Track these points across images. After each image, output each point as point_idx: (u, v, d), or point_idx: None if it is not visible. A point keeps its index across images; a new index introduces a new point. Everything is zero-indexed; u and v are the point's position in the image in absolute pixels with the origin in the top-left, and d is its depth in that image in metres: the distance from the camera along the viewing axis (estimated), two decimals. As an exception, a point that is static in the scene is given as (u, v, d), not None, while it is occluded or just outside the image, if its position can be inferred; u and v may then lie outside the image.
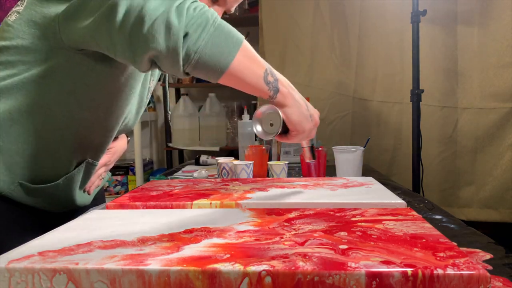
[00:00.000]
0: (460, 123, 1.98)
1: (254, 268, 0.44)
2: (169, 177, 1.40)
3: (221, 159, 1.26)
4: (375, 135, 2.07)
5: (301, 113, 0.72)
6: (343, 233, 0.56)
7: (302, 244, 0.52)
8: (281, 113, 0.71)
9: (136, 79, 0.81)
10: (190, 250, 0.51)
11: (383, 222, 0.62)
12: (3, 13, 2.41)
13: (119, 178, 2.54)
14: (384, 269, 0.43)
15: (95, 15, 0.62)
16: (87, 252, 0.51)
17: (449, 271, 0.43)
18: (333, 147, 1.24)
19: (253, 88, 0.67)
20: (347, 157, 1.20)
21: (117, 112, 0.81)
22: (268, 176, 1.25)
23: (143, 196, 0.85)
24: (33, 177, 0.77)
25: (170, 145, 2.52)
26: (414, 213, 0.67)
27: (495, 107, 1.91)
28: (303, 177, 1.25)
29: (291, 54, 2.16)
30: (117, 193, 2.51)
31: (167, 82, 1.09)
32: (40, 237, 0.59)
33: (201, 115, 2.47)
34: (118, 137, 0.99)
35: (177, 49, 0.59)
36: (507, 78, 1.87)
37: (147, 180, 2.41)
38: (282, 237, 0.55)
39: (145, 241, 0.55)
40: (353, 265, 0.44)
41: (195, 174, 1.38)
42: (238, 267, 0.45)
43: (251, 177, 1.16)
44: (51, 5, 0.69)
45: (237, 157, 1.52)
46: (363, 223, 0.61)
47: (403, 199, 0.78)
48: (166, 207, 0.78)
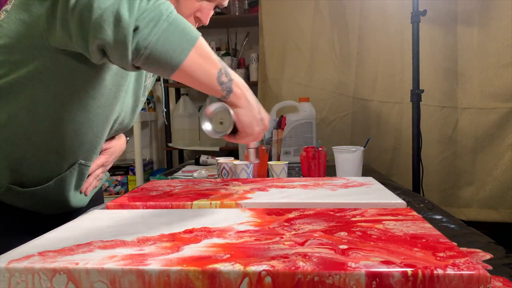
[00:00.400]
0: (460, 123, 1.98)
1: (254, 268, 0.44)
2: (169, 177, 1.40)
3: (221, 159, 1.26)
4: (375, 135, 2.07)
5: (252, 115, 0.71)
6: (343, 233, 0.56)
7: (302, 244, 0.52)
8: (232, 112, 0.70)
9: (124, 77, 0.79)
10: (190, 250, 0.51)
11: (383, 222, 0.62)
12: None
13: (119, 178, 2.54)
14: (384, 269, 0.43)
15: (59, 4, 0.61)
16: (87, 252, 0.51)
17: (449, 271, 0.43)
18: (333, 147, 1.24)
19: (205, 87, 0.67)
20: (347, 157, 1.20)
21: (106, 111, 0.79)
22: (268, 176, 1.25)
23: (143, 196, 0.85)
24: (23, 180, 0.76)
25: (170, 145, 2.52)
26: (414, 213, 0.67)
27: (495, 107, 1.91)
28: (303, 177, 1.25)
29: (291, 54, 2.16)
30: (117, 193, 2.51)
31: (161, 79, 1.08)
32: (40, 237, 0.59)
33: (201, 115, 2.47)
34: (115, 137, 0.97)
35: (125, 42, 0.57)
36: (507, 78, 1.87)
37: (147, 180, 2.41)
38: (282, 237, 0.55)
39: (145, 241, 0.55)
40: (353, 265, 0.44)
41: (195, 174, 1.38)
42: (238, 267, 0.45)
43: (251, 177, 1.16)
44: (37, 3, 0.67)
45: (237, 157, 1.52)
46: (363, 223, 0.61)
47: (403, 199, 0.78)
48: (166, 207, 0.78)
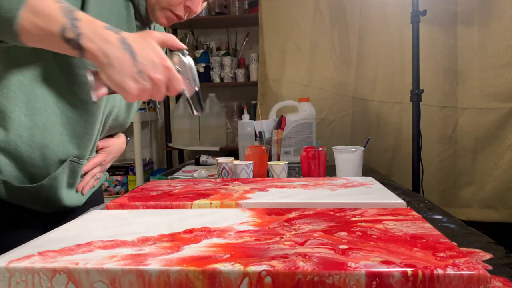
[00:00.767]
0: (460, 123, 1.98)
1: (254, 268, 0.44)
2: (169, 177, 1.40)
3: (221, 159, 1.26)
4: (375, 135, 2.07)
5: (119, 72, 0.59)
6: (343, 233, 0.56)
7: (302, 244, 0.52)
8: (90, 75, 0.61)
9: None
10: (190, 250, 0.51)
11: (383, 222, 0.62)
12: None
13: (119, 178, 2.54)
14: (384, 269, 0.43)
15: None
16: (87, 252, 0.51)
17: (449, 271, 0.43)
18: (333, 147, 1.24)
19: (57, 48, 0.60)
20: (347, 157, 1.20)
21: (92, 106, 0.77)
22: (268, 176, 1.25)
23: (143, 196, 0.85)
24: (18, 177, 0.76)
25: (170, 145, 2.52)
26: (414, 213, 0.67)
27: (495, 107, 1.91)
28: (303, 177, 1.25)
29: (291, 54, 2.16)
30: (117, 193, 2.51)
31: None
32: (40, 237, 0.59)
33: (201, 115, 2.47)
34: (114, 136, 0.95)
35: None
36: (507, 78, 1.87)
37: (147, 180, 2.41)
38: (282, 237, 0.55)
39: (145, 241, 0.55)
40: (353, 265, 0.44)
41: (195, 174, 1.38)
42: (238, 267, 0.45)
43: (251, 177, 1.16)
44: None
45: (237, 157, 1.52)
46: (363, 223, 0.61)
47: (403, 199, 0.78)
48: (166, 207, 0.78)
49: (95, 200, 0.97)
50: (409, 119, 1.74)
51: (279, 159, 1.51)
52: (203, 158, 1.74)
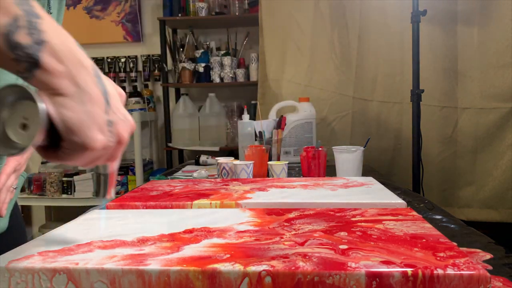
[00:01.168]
0: (460, 123, 1.98)
1: (254, 268, 0.44)
2: (169, 177, 1.40)
3: (221, 159, 1.26)
4: (375, 135, 2.07)
5: (87, 111, 0.40)
6: (343, 233, 0.56)
7: (302, 244, 0.52)
8: (41, 105, 0.38)
9: None
10: (190, 250, 0.51)
11: (383, 222, 0.62)
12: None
13: (119, 178, 2.54)
14: (384, 269, 0.43)
15: None
16: (87, 252, 0.51)
17: (449, 271, 0.43)
18: (333, 147, 1.24)
19: None
20: (347, 157, 1.20)
21: None
22: (268, 176, 1.25)
23: (143, 196, 0.85)
24: None
25: (170, 145, 2.52)
26: (414, 213, 0.67)
27: (495, 107, 1.91)
28: (303, 177, 1.25)
29: (291, 54, 2.16)
30: (117, 193, 2.51)
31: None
32: (40, 237, 0.59)
33: (201, 115, 2.47)
34: None
35: None
36: (507, 78, 1.87)
37: (147, 180, 2.41)
38: (282, 237, 0.55)
39: (145, 241, 0.55)
40: (353, 265, 0.44)
41: (195, 174, 1.38)
42: (238, 267, 0.45)
43: (251, 177, 1.16)
44: None
45: (237, 157, 1.52)
46: (363, 223, 0.61)
47: (403, 199, 0.78)
48: (166, 207, 0.78)
49: (16, 223, 0.80)
50: (409, 119, 1.74)
51: (279, 159, 1.51)
52: (203, 158, 1.74)
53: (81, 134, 0.40)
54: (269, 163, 1.24)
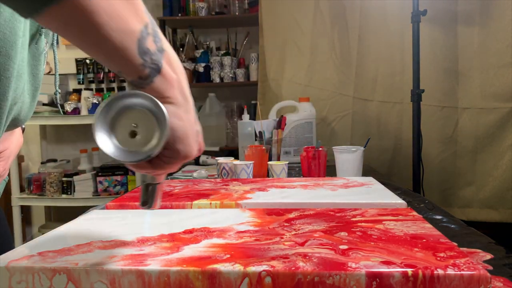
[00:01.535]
0: (460, 123, 1.98)
1: (254, 268, 0.44)
2: (169, 177, 1.40)
3: (221, 159, 1.26)
4: (375, 135, 2.07)
5: (191, 123, 0.43)
6: (343, 233, 0.56)
7: (302, 244, 0.52)
8: (166, 112, 0.39)
9: (9, 56, 0.51)
10: (190, 250, 0.51)
11: (383, 222, 0.62)
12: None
13: (119, 178, 2.53)
14: (384, 269, 0.43)
15: None
16: (86, 252, 0.51)
17: (450, 271, 0.43)
18: (333, 147, 1.24)
19: (111, 53, 0.37)
20: (347, 157, 1.20)
21: None
22: (268, 176, 1.25)
23: (143, 196, 0.85)
24: None
25: (170, 145, 2.52)
26: (414, 213, 0.67)
27: (496, 107, 1.91)
28: (303, 177, 1.25)
29: (291, 54, 2.16)
30: (117, 193, 2.51)
31: (55, 42, 0.66)
32: (40, 237, 0.59)
33: (201, 115, 2.47)
34: (7, 134, 0.70)
35: None
36: (507, 78, 1.87)
37: (147, 180, 2.41)
38: (282, 237, 0.55)
39: (145, 241, 0.55)
40: (353, 265, 0.44)
41: (195, 174, 1.38)
42: (238, 267, 0.45)
43: (251, 177, 1.16)
44: None
45: (237, 157, 1.52)
46: (363, 223, 0.61)
47: (403, 199, 0.78)
48: (166, 207, 0.78)
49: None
50: (409, 119, 1.74)
51: (279, 159, 1.51)
52: (203, 158, 1.74)
53: (187, 143, 0.42)
54: (269, 163, 1.24)
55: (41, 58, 0.61)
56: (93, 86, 2.72)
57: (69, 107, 2.46)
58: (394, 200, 0.78)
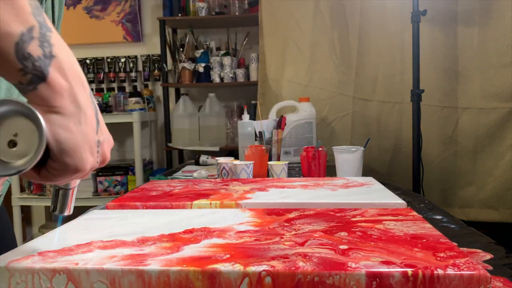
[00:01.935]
0: (460, 123, 1.98)
1: (254, 268, 0.44)
2: (169, 177, 1.40)
3: (221, 159, 1.26)
4: (375, 135, 2.07)
5: (83, 133, 0.40)
6: (343, 233, 0.56)
7: (302, 244, 0.52)
8: (44, 123, 0.36)
9: None
10: (190, 250, 0.51)
11: (383, 222, 0.62)
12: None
13: (119, 178, 2.54)
14: (384, 269, 0.43)
15: None
16: (86, 252, 0.51)
17: (450, 271, 0.43)
18: (333, 147, 1.24)
19: None
20: (347, 157, 1.20)
21: None
22: (268, 176, 1.25)
23: (143, 196, 0.85)
24: None
25: (170, 145, 2.52)
26: (414, 213, 0.67)
27: (496, 107, 1.91)
28: (303, 177, 1.25)
29: (291, 54, 2.16)
30: (117, 193, 2.51)
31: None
32: (40, 237, 0.59)
33: (201, 115, 2.47)
34: None
35: None
36: (507, 78, 1.87)
37: (147, 180, 2.41)
38: (282, 237, 0.55)
39: (145, 241, 0.55)
40: (353, 265, 0.44)
41: (195, 174, 1.38)
42: (238, 267, 0.45)
43: (251, 177, 1.16)
44: None
45: (237, 157, 1.52)
46: (363, 223, 0.61)
47: (403, 199, 0.78)
48: (166, 207, 0.78)
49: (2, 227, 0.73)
50: (409, 119, 1.74)
51: (279, 159, 1.51)
52: (203, 158, 1.74)
53: (76, 156, 0.39)
54: (269, 163, 1.24)
55: None
56: (93, 86, 2.73)
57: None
58: (394, 200, 0.78)
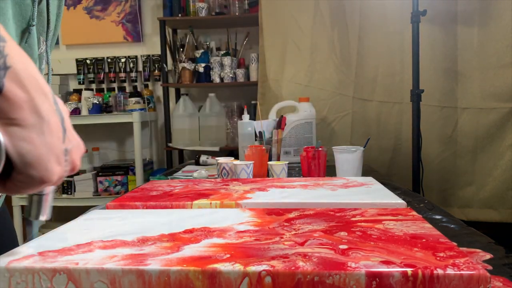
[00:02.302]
0: (460, 123, 1.98)
1: (254, 268, 0.44)
2: (169, 177, 1.40)
3: (221, 159, 1.26)
4: (375, 135, 2.07)
5: (46, 143, 0.38)
6: (343, 233, 0.56)
7: (302, 244, 0.52)
8: (1, 137, 0.36)
9: None
10: (190, 250, 0.51)
11: (383, 222, 0.62)
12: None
13: (119, 178, 2.54)
14: (384, 269, 0.43)
15: None
16: (87, 252, 0.51)
17: (449, 271, 0.43)
18: (333, 147, 1.24)
19: None
20: (347, 157, 1.20)
21: None
22: (268, 176, 1.25)
23: (143, 196, 0.85)
24: None
25: (170, 145, 2.52)
26: (414, 213, 0.67)
27: (495, 107, 1.91)
28: (303, 177, 1.25)
29: (291, 54, 2.16)
30: (117, 193, 2.51)
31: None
32: (40, 237, 0.59)
33: (201, 115, 2.47)
34: None
35: None
36: (507, 78, 1.87)
37: (147, 180, 2.41)
38: (282, 237, 0.55)
39: (145, 241, 0.55)
40: (353, 265, 0.44)
41: (195, 174, 1.38)
42: (238, 267, 0.45)
43: (251, 177, 1.16)
44: None
45: (237, 157, 1.52)
46: (363, 223, 0.61)
47: (403, 199, 0.78)
48: (166, 207, 0.78)
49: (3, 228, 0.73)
50: (409, 119, 1.74)
51: (279, 159, 1.51)
52: (203, 158, 1.74)
53: (40, 168, 0.38)
54: (269, 163, 1.24)
55: (36, 57, 0.59)
56: (94, 86, 2.73)
57: (69, 107, 2.46)
58: (393, 200, 0.78)
